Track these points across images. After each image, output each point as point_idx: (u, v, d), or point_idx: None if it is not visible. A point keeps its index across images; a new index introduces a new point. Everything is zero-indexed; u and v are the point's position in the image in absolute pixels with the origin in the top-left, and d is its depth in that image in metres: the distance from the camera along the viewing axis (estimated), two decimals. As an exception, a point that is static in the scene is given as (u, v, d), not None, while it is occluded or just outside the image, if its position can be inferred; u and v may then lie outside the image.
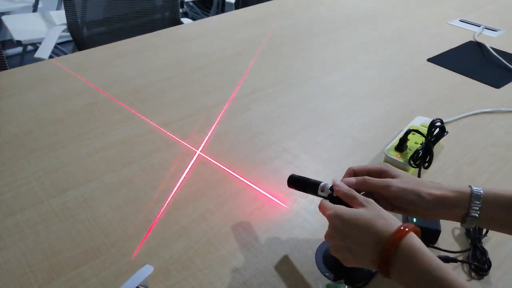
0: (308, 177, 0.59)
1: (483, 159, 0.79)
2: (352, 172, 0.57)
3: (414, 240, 0.44)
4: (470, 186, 0.51)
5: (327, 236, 0.50)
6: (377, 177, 0.54)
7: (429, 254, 0.43)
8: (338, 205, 0.50)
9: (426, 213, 0.51)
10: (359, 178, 0.54)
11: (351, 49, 1.20)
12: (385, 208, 0.50)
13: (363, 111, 0.92)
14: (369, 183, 0.53)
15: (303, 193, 0.59)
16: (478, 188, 0.50)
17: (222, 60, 1.12)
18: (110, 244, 0.61)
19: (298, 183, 0.59)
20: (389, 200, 0.52)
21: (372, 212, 0.47)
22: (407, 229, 0.44)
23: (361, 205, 0.49)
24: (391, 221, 0.46)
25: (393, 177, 0.53)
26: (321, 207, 0.52)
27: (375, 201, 0.50)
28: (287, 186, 0.61)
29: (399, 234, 0.44)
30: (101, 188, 0.70)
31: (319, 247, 0.61)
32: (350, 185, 0.53)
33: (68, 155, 0.77)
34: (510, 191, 0.50)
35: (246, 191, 0.71)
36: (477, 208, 0.49)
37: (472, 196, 0.50)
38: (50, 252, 0.59)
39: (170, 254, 0.60)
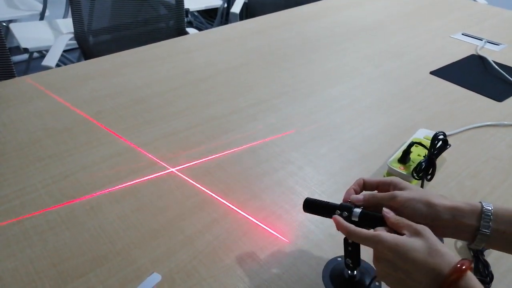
0: (312, 186, 0.59)
1: (485, 172, 0.79)
2: (362, 183, 0.56)
3: (472, 281, 0.42)
4: (480, 202, 0.50)
5: (375, 263, 0.47)
6: (386, 191, 0.53)
7: None
8: (387, 233, 0.47)
9: (435, 223, 0.49)
10: (367, 194, 0.53)
11: (355, 62, 1.21)
12: None
13: (366, 123, 0.93)
14: (376, 197, 0.52)
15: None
16: (488, 204, 0.50)
17: (227, 71, 1.14)
18: (116, 252, 0.62)
19: (314, 207, 0.57)
20: (397, 211, 0.50)
21: (428, 243, 0.44)
22: (464, 267, 0.42)
23: (416, 233, 0.46)
24: (448, 256, 0.44)
25: (401, 189, 0.52)
26: (353, 233, 0.49)
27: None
28: (289, 196, 0.61)
29: (458, 274, 0.42)
30: (107, 196, 0.71)
31: (327, 265, 0.60)
32: (358, 201, 0.53)
33: (76, 163, 0.79)
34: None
35: (251, 202, 0.71)
36: (488, 224, 0.48)
37: (483, 211, 0.49)
38: (57, 260, 0.60)
39: (175, 263, 0.60)
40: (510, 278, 0.59)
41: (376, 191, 0.54)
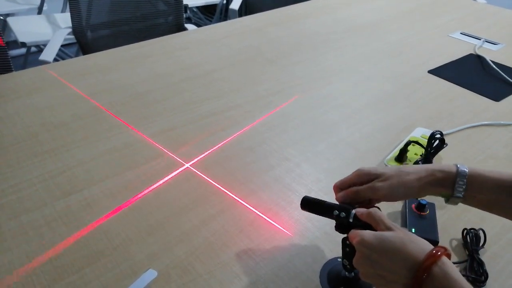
0: (311, 187, 0.60)
1: (481, 172, 0.80)
2: (339, 189, 0.57)
3: (447, 265, 0.42)
4: (456, 165, 0.53)
5: (355, 263, 0.48)
6: (360, 183, 0.55)
7: (463, 280, 0.42)
8: (364, 231, 0.48)
9: (415, 196, 0.54)
10: (349, 190, 0.55)
11: (353, 60, 1.21)
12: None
13: (364, 122, 0.93)
14: (358, 192, 0.54)
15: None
16: (464, 168, 0.53)
17: (225, 68, 1.13)
18: (112, 247, 0.62)
19: (312, 206, 0.57)
20: (381, 200, 0.55)
21: (400, 235, 0.45)
22: (439, 253, 0.43)
23: (388, 228, 0.47)
24: (422, 244, 0.45)
25: (375, 177, 0.55)
26: (350, 236, 0.50)
27: (367, 206, 0.51)
28: (285, 193, 0.61)
29: (432, 260, 0.42)
30: (104, 192, 0.71)
31: (325, 265, 0.60)
32: (343, 199, 0.55)
33: (72, 158, 0.78)
34: (496, 173, 0.52)
35: (248, 198, 0.72)
36: (462, 189, 0.52)
37: (458, 175, 0.52)
38: (53, 254, 0.60)
39: (171, 259, 0.61)
40: (505, 276, 0.60)
41: (356, 187, 0.55)
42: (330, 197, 0.72)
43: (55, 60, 1.41)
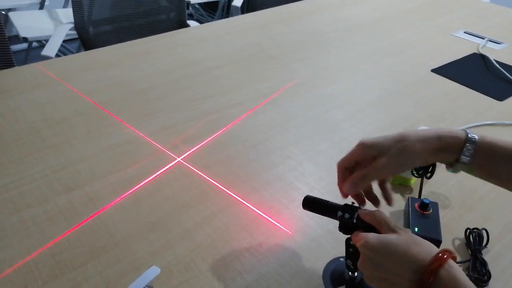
0: (314, 185, 0.59)
1: (484, 171, 0.79)
2: (343, 167, 0.55)
3: (453, 268, 0.41)
4: (465, 131, 0.52)
5: (359, 266, 0.47)
6: (364, 158, 0.53)
7: (469, 283, 0.41)
8: (368, 233, 0.47)
9: (421, 164, 0.52)
10: (355, 177, 0.52)
11: (356, 58, 1.21)
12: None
13: (367, 120, 0.93)
14: (366, 176, 0.52)
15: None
16: (473, 135, 0.51)
17: (227, 65, 1.13)
18: (114, 243, 0.62)
19: (314, 205, 0.56)
20: (389, 177, 0.54)
21: (404, 238, 0.45)
22: (445, 257, 0.42)
23: (392, 230, 0.46)
24: (427, 246, 0.44)
25: (378, 151, 0.52)
26: (354, 239, 0.49)
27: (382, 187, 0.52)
28: (288, 191, 0.61)
29: (438, 263, 0.41)
30: (106, 188, 0.71)
31: (327, 265, 0.60)
32: (352, 189, 0.52)
33: (74, 154, 0.78)
34: (505, 143, 0.51)
35: (250, 196, 0.71)
36: (469, 154, 0.50)
37: (467, 141, 0.50)
38: (55, 250, 0.60)
39: (173, 256, 0.60)
40: (507, 276, 0.60)
41: (364, 172, 0.53)
42: (333, 196, 0.72)
43: (57, 55, 1.41)
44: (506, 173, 0.51)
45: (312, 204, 0.56)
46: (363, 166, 0.53)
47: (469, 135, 0.51)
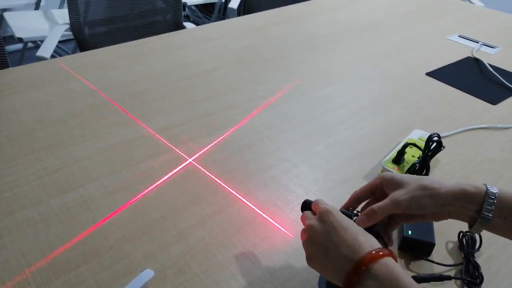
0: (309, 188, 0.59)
1: (478, 175, 0.80)
2: (356, 199, 0.55)
3: (389, 264, 0.43)
4: (485, 184, 0.49)
5: (305, 245, 0.50)
6: (380, 192, 0.54)
7: (407, 280, 0.41)
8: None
9: (440, 210, 0.50)
10: (368, 211, 0.52)
11: (351, 61, 1.21)
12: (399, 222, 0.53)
13: (362, 123, 0.93)
14: (379, 211, 0.51)
15: (301, 201, 0.60)
16: (493, 187, 0.49)
17: (224, 67, 1.13)
18: (108, 246, 0.62)
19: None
20: (404, 213, 0.51)
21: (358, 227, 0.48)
22: (381, 253, 0.44)
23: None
24: (373, 241, 0.46)
25: (394, 186, 0.52)
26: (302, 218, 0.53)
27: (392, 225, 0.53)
28: (283, 194, 0.61)
29: (371, 255, 0.43)
30: (101, 190, 0.71)
31: None
32: (364, 224, 0.51)
33: (69, 155, 0.78)
34: None
35: (245, 198, 0.71)
36: (491, 208, 0.47)
37: (487, 194, 0.48)
38: (49, 252, 0.60)
39: (167, 258, 0.60)
40: (500, 279, 0.60)
41: (374, 206, 0.52)
42: (327, 198, 0.72)
43: (52, 56, 1.40)
44: None
45: (310, 208, 0.56)
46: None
47: (489, 187, 0.49)
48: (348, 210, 0.54)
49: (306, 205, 0.56)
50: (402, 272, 0.43)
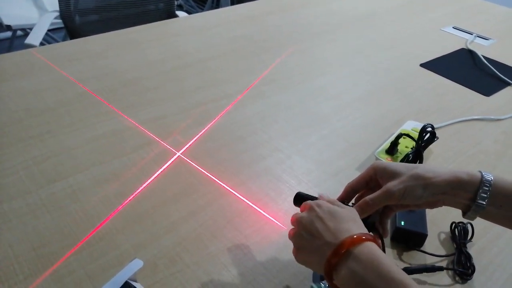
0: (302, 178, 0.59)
1: (471, 166, 0.80)
2: (351, 189, 0.55)
3: (369, 248, 0.43)
4: (480, 171, 0.48)
5: (292, 237, 0.50)
6: (375, 182, 0.53)
7: (387, 262, 0.41)
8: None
9: (434, 199, 0.49)
10: (361, 203, 0.51)
11: (346, 52, 1.20)
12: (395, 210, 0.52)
13: (355, 114, 0.93)
14: (373, 203, 0.50)
15: (294, 192, 0.59)
16: (488, 174, 0.48)
17: (217, 56, 1.12)
18: (98, 237, 0.61)
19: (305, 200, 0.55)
20: (397, 204, 0.51)
21: (352, 212, 0.48)
22: (363, 237, 0.43)
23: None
24: (359, 226, 0.46)
25: (388, 176, 0.51)
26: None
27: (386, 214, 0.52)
28: (276, 184, 0.60)
29: (352, 239, 0.43)
30: (90, 180, 0.70)
31: None
32: (362, 215, 0.50)
33: (58, 145, 0.76)
34: None
35: (238, 189, 0.71)
36: (485, 195, 0.47)
37: (482, 181, 0.47)
38: (37, 243, 0.59)
39: (158, 249, 0.60)
40: (492, 270, 0.60)
41: (368, 198, 0.52)
42: (321, 189, 0.72)
43: (42, 44, 1.37)
44: None
45: (303, 200, 0.55)
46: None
47: (484, 175, 0.48)
48: (344, 203, 0.53)
49: (299, 197, 0.55)
50: (383, 255, 0.42)
